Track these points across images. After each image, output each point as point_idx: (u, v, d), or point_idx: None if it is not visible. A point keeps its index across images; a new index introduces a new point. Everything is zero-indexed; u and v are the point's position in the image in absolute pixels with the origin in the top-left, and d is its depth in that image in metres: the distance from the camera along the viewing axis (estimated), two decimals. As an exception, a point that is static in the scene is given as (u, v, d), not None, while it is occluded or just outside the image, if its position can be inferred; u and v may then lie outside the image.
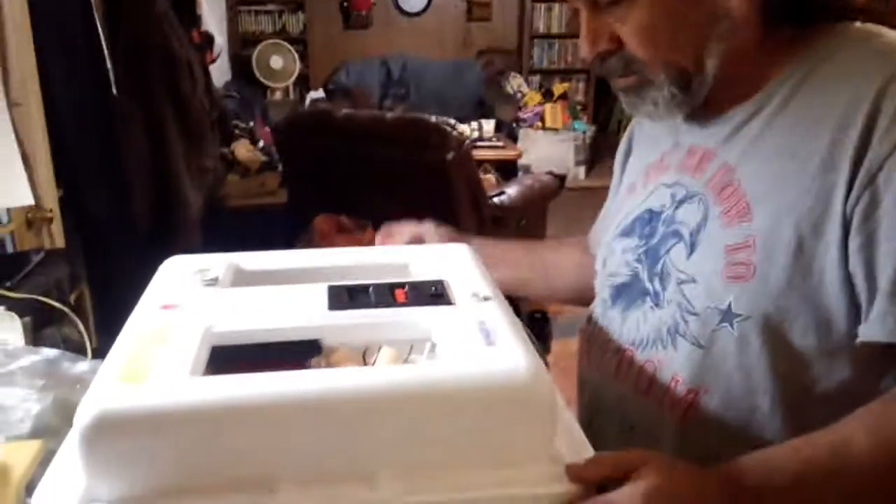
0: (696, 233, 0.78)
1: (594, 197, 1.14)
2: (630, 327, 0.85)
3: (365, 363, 0.83)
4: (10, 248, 1.88)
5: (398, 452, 0.60)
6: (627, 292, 0.86)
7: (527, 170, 5.34)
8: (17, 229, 1.92)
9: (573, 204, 4.25)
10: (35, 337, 1.16)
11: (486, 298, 0.75)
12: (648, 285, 0.83)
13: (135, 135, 2.49)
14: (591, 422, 0.88)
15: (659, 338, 0.80)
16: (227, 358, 0.69)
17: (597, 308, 0.92)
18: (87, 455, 0.56)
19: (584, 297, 1.02)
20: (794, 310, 0.71)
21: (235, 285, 0.81)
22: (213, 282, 0.79)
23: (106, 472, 0.57)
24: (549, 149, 5.93)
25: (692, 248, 0.78)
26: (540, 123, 5.99)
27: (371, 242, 1.38)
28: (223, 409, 0.58)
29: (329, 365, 0.82)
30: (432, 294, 0.76)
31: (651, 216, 0.86)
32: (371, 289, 0.77)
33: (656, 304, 0.82)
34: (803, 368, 0.72)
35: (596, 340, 0.90)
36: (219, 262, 0.84)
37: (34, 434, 0.91)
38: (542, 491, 0.59)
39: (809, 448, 0.66)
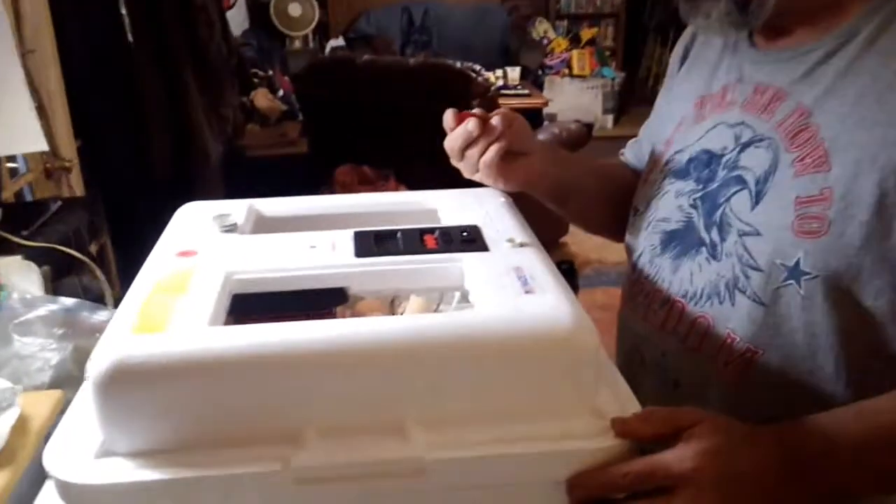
0: (763, 181, 0.71)
1: (623, 146, 1.05)
2: (682, 278, 0.78)
3: (393, 313, 0.80)
4: (29, 198, 1.86)
5: (429, 404, 0.56)
6: (680, 240, 0.80)
7: (552, 119, 5.23)
8: (36, 179, 1.89)
9: (601, 154, 4.13)
10: (54, 286, 1.13)
11: (522, 245, 0.70)
12: (704, 234, 0.76)
13: (152, 82, 2.44)
14: (630, 374, 0.82)
15: (715, 292, 0.74)
16: (249, 306, 0.66)
17: (643, 253, 0.85)
18: (102, 406, 0.53)
19: (614, 231, 0.98)
20: (868, 270, 0.65)
21: (256, 231, 0.77)
22: (233, 228, 0.75)
23: (122, 424, 0.54)
24: (575, 97, 5.80)
25: (757, 197, 0.71)
26: (567, 70, 5.85)
27: (393, 192, 1.33)
28: (245, 358, 0.54)
29: (355, 314, 0.79)
30: (464, 239, 0.71)
31: (710, 158, 0.79)
32: (399, 234, 0.73)
33: (713, 256, 0.75)
34: (872, 331, 0.66)
35: (641, 289, 0.84)
36: (238, 208, 0.80)
37: (54, 384, 0.89)
38: (585, 445, 0.55)
39: (874, 413, 0.61)
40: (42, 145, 1.18)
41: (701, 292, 0.76)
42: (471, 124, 0.80)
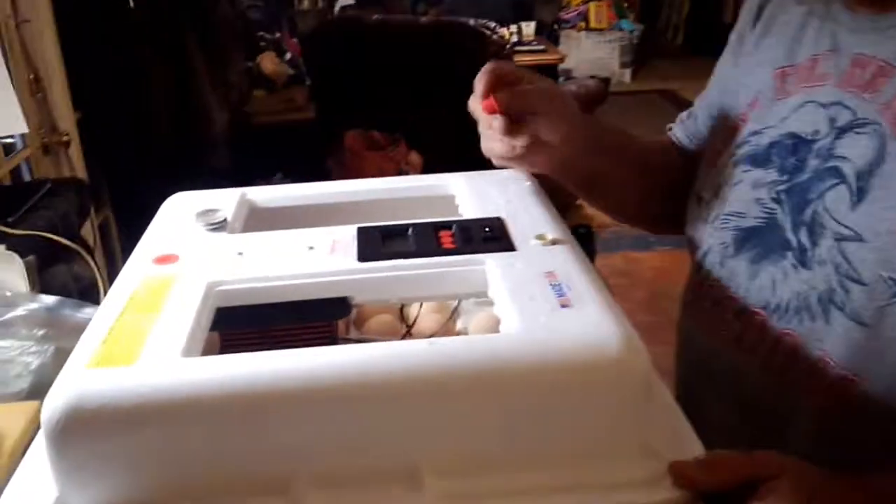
0: (868, 175, 0.59)
1: (642, 102, 0.92)
2: (762, 286, 0.66)
3: (403, 321, 0.71)
4: (27, 176, 1.78)
5: (446, 446, 0.47)
6: (759, 240, 0.67)
7: (568, 75, 5.07)
8: (34, 154, 1.80)
9: (618, 110, 4.00)
10: (42, 277, 1.05)
11: (554, 242, 0.60)
12: (791, 236, 0.64)
13: (153, 48, 2.33)
14: (694, 394, 0.72)
15: (804, 306, 0.63)
16: (236, 319, 0.57)
17: (710, 251, 0.72)
18: (55, 457, 0.45)
19: (656, 223, 0.86)
20: None
21: (247, 228, 0.68)
22: (220, 225, 0.65)
23: (79, 478, 0.45)
24: (592, 51, 5.63)
25: (859, 194, 0.59)
26: (583, 24, 5.67)
27: (404, 158, 1.22)
28: (225, 397, 0.45)
29: (360, 327, 0.69)
30: (486, 236, 0.61)
31: (797, 144, 0.66)
32: (410, 231, 0.63)
33: (801, 263, 0.63)
34: None
35: (709, 294, 0.72)
36: (229, 200, 0.71)
37: (34, 391, 0.81)
38: (637, 498, 0.46)
39: None
40: (21, 127, 1.09)
41: (787, 305, 0.64)
42: (497, 123, 0.69)
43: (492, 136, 0.71)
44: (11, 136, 1.54)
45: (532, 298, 0.52)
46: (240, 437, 0.45)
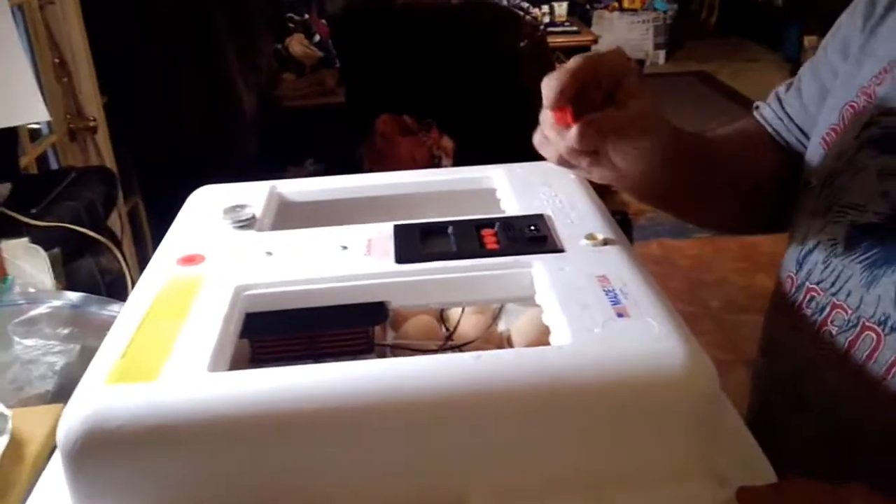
0: None
1: (678, 84, 0.84)
2: (882, 297, 0.55)
3: (442, 322, 0.67)
4: (53, 164, 1.76)
5: (498, 469, 0.43)
6: (880, 241, 0.57)
7: (601, 57, 4.96)
8: (60, 141, 1.79)
9: (653, 92, 3.90)
10: (67, 270, 1.03)
11: (605, 242, 0.56)
12: None
13: (181, 31, 2.30)
14: (777, 413, 0.63)
15: None
16: (267, 324, 0.53)
17: (815, 248, 0.62)
18: (73, 480, 0.42)
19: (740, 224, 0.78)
20: None
21: (277, 225, 0.64)
22: (249, 223, 0.61)
23: (99, 502, 0.42)
24: (625, 32, 5.51)
25: None
26: (616, 3, 5.54)
27: (436, 143, 1.17)
28: (256, 417, 0.41)
29: (397, 329, 0.65)
30: (532, 236, 0.57)
31: None
32: (450, 229, 0.59)
33: None
34: None
35: (808, 298, 0.62)
36: (258, 194, 0.67)
37: (59, 393, 0.78)
38: (704, 528, 0.42)
39: None
40: (42, 115, 1.06)
41: None
42: (570, 136, 0.56)
43: (554, 141, 0.59)
44: (37, 123, 1.52)
45: (584, 306, 0.48)
46: (269, 461, 0.42)
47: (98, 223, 1.15)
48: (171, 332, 0.47)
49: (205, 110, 2.33)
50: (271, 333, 0.55)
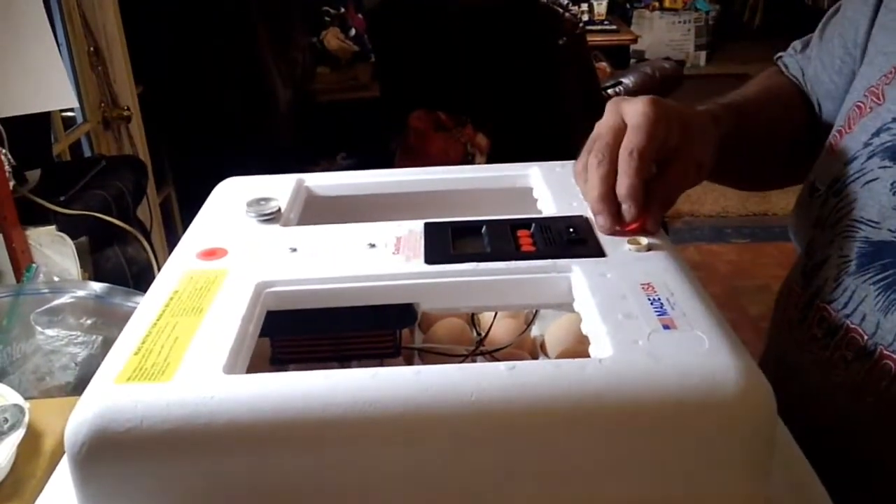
0: None
1: (719, 87, 0.81)
2: None
3: (473, 325, 0.64)
4: (87, 151, 1.76)
5: (528, 490, 0.40)
6: (895, 260, 0.53)
7: (640, 56, 4.90)
8: (94, 129, 1.79)
9: (692, 94, 3.83)
10: (94, 259, 1.01)
11: (650, 247, 0.52)
12: None
13: (217, 23, 2.30)
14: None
15: None
16: (289, 323, 0.51)
17: (825, 263, 0.58)
18: (80, 484, 0.39)
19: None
20: None
21: (303, 220, 0.61)
22: (274, 216, 0.59)
23: (109, 511, 0.39)
24: (666, 32, 5.42)
25: None
26: (657, 3, 5.46)
27: (470, 140, 1.14)
28: (274, 423, 0.39)
29: (425, 331, 0.63)
30: (571, 238, 0.54)
31: None
32: (484, 229, 0.55)
33: None
34: None
35: (819, 317, 0.57)
36: (284, 187, 0.65)
37: (80, 384, 0.77)
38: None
39: None
40: (71, 101, 1.05)
41: None
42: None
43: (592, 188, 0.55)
44: (71, 110, 1.52)
45: (628, 316, 0.45)
46: (287, 470, 0.39)
47: (127, 213, 1.14)
48: (188, 329, 0.45)
49: (240, 102, 2.33)
50: (293, 333, 0.52)
